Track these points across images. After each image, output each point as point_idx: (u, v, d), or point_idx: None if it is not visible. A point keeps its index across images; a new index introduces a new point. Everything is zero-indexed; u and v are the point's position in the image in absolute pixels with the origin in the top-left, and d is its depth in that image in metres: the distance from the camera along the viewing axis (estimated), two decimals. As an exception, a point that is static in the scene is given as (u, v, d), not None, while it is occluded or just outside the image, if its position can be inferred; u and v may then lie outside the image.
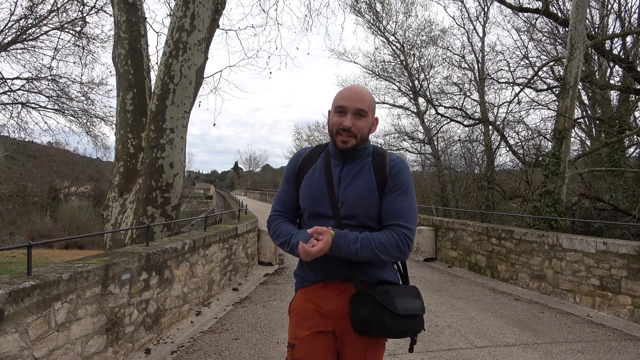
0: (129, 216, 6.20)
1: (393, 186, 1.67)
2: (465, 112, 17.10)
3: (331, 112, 1.72)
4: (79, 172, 42.00)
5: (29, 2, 15.79)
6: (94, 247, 23.55)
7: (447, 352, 3.94)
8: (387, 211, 1.65)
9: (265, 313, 5.28)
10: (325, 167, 1.73)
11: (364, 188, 1.66)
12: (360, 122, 1.66)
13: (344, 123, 1.64)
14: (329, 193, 1.67)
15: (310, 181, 1.73)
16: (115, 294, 3.50)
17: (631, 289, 5.04)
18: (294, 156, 1.86)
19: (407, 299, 1.62)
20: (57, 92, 18.70)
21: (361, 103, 1.65)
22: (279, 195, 1.84)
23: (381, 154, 1.74)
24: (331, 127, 1.70)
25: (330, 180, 1.69)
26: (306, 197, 1.73)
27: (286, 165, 1.88)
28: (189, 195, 63.11)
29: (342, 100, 1.66)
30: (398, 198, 1.66)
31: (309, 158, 1.80)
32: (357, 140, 1.67)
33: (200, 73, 6.51)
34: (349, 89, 1.70)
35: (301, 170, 1.78)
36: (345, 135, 1.65)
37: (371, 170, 1.69)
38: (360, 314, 1.59)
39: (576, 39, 8.82)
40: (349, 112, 1.65)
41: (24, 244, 2.94)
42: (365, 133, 1.68)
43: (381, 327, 1.56)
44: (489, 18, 21.27)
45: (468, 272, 8.27)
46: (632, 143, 12.43)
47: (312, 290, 1.71)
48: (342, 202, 1.66)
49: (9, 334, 2.40)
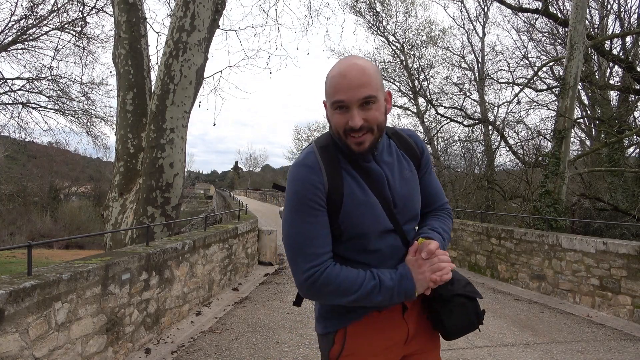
0: (129, 216, 6.20)
1: (429, 166, 1.44)
2: (465, 112, 17.10)
3: (328, 108, 1.27)
4: (79, 172, 42.01)
5: (30, 3, 15.80)
6: (94, 247, 23.56)
7: (447, 352, 3.94)
8: (433, 193, 1.45)
9: (265, 313, 5.28)
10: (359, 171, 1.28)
11: (412, 180, 1.35)
12: (372, 111, 1.21)
13: (352, 123, 1.19)
14: (382, 202, 1.27)
15: (357, 196, 1.25)
16: (115, 294, 3.50)
17: (631, 289, 5.04)
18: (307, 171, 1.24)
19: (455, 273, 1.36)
20: (58, 92, 18.72)
21: (365, 88, 1.19)
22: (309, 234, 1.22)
23: (396, 133, 1.42)
24: (335, 127, 1.25)
25: (374, 185, 1.27)
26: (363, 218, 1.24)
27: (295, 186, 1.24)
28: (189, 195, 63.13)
29: (338, 93, 1.20)
30: (432, 177, 1.46)
31: (331, 166, 1.26)
32: (375, 134, 1.23)
33: (200, 73, 6.52)
34: (343, 75, 1.20)
35: (333, 187, 1.24)
36: (358, 135, 1.21)
37: (404, 156, 1.38)
38: (460, 318, 1.30)
39: (576, 39, 8.82)
40: (352, 107, 1.20)
41: (24, 244, 2.94)
42: (382, 120, 1.24)
43: (479, 320, 1.34)
44: (488, 18, 21.30)
45: (468, 272, 8.27)
46: (631, 143, 12.43)
47: (370, 322, 1.29)
48: (399, 206, 1.30)
49: (10, 333, 2.40)
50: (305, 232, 1.22)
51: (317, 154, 1.28)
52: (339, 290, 1.19)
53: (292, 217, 1.25)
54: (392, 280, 1.20)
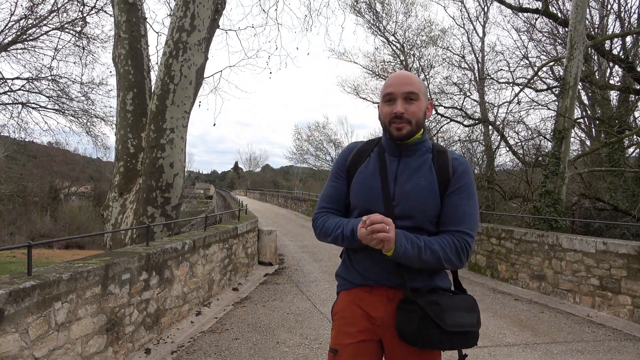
0: (129, 216, 6.20)
1: (457, 187, 1.51)
2: (465, 112, 17.10)
3: (380, 103, 1.60)
4: (79, 172, 42.00)
5: (29, 3, 15.80)
6: (94, 247, 23.55)
7: (447, 352, 3.94)
8: (450, 215, 1.50)
9: (265, 313, 5.28)
10: (379, 161, 1.59)
11: (424, 186, 1.51)
12: (413, 106, 1.52)
13: (395, 109, 1.51)
14: (383, 189, 1.53)
15: (363, 176, 1.59)
16: (115, 294, 3.50)
17: (631, 289, 5.04)
18: (345, 149, 1.72)
19: (460, 312, 1.44)
20: (57, 92, 18.72)
21: (410, 86, 1.52)
22: (326, 191, 1.68)
23: (442, 151, 1.59)
24: (383, 118, 1.57)
25: (384, 175, 1.54)
26: (358, 193, 1.59)
27: (336, 159, 1.72)
28: (189, 195, 63.12)
29: (389, 87, 1.54)
30: (462, 201, 1.50)
31: (362, 151, 1.66)
32: (412, 127, 1.52)
33: (200, 73, 6.52)
34: (395, 76, 1.57)
35: (354, 163, 1.64)
36: (398, 122, 1.51)
37: (432, 168, 1.54)
38: (406, 326, 1.44)
39: (576, 39, 8.82)
40: (398, 98, 1.52)
41: (24, 244, 2.94)
42: (420, 117, 1.53)
43: (427, 341, 1.42)
44: (488, 18, 21.31)
45: (468, 272, 8.27)
46: (631, 143, 12.42)
47: (357, 294, 1.58)
48: (398, 200, 1.51)
49: (9, 333, 2.40)
50: (325, 190, 1.70)
51: (360, 144, 1.71)
52: (322, 233, 1.61)
53: (328, 179, 1.72)
54: (348, 231, 1.50)
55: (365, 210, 1.52)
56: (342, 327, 1.58)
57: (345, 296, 1.62)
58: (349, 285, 1.62)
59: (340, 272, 1.68)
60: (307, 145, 44.22)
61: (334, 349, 1.57)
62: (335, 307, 1.66)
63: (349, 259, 1.64)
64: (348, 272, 1.63)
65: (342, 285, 1.66)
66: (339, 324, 1.60)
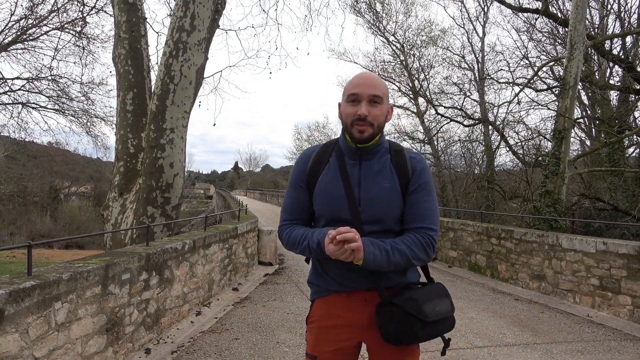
0: (129, 216, 6.20)
1: (417, 186, 1.55)
2: (465, 112, 17.09)
3: (343, 103, 1.58)
4: (79, 172, 41.99)
5: (29, 3, 15.81)
6: (94, 247, 23.55)
7: (447, 352, 3.94)
8: (412, 213, 1.53)
9: (265, 313, 5.28)
10: (340, 167, 1.57)
11: (388, 189, 1.53)
12: (376, 109, 1.52)
13: (359, 111, 1.49)
14: (347, 195, 1.52)
15: (325, 183, 1.57)
16: (115, 294, 3.50)
17: (631, 289, 5.04)
18: (302, 157, 1.67)
19: (435, 301, 1.51)
20: (57, 92, 18.73)
21: (375, 89, 1.52)
22: (287, 202, 1.67)
23: (399, 151, 1.62)
24: (345, 118, 1.55)
25: (347, 181, 1.54)
26: (322, 202, 1.57)
27: (293, 168, 1.70)
28: (189, 195, 63.10)
29: (355, 87, 1.52)
30: (423, 199, 1.54)
31: (320, 158, 1.63)
32: (374, 130, 1.52)
33: (200, 73, 6.52)
34: (361, 76, 1.56)
35: (313, 172, 1.61)
36: (361, 124, 1.50)
37: (392, 169, 1.57)
38: (389, 326, 1.47)
39: (576, 39, 8.82)
40: (363, 100, 1.51)
41: (24, 244, 2.94)
42: (381, 121, 1.54)
43: (412, 337, 1.46)
44: (488, 18, 21.31)
45: (468, 272, 8.27)
46: (631, 143, 12.42)
47: (334, 300, 1.58)
48: (364, 206, 1.52)
49: (9, 333, 2.40)
50: (286, 201, 1.67)
51: (317, 148, 1.67)
52: (289, 244, 1.60)
53: (287, 190, 1.69)
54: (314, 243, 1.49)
55: (331, 218, 1.53)
56: (321, 335, 1.57)
57: (322, 304, 1.61)
58: (324, 293, 1.60)
59: (313, 280, 1.66)
60: (307, 145, 44.23)
61: (312, 355, 1.58)
62: (312, 316, 1.64)
63: (320, 267, 1.62)
64: (322, 280, 1.61)
65: (317, 292, 1.64)
66: (317, 332, 1.59)
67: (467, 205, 15.70)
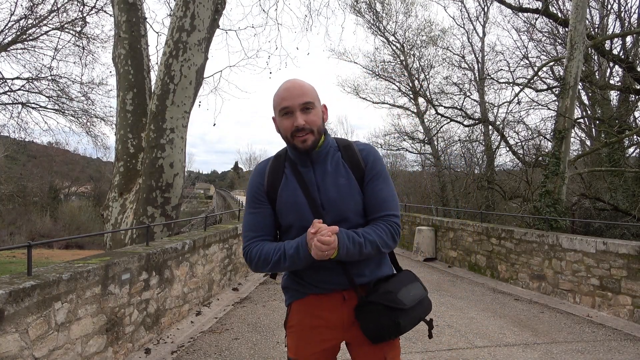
0: (129, 216, 6.20)
1: (372, 176, 1.58)
2: (465, 112, 17.09)
3: (277, 117, 1.58)
4: (79, 172, 42.00)
5: (29, 2, 15.79)
6: (94, 247, 23.55)
7: (447, 352, 3.94)
8: (373, 203, 1.56)
9: (265, 313, 5.28)
10: (296, 176, 1.58)
11: (346, 186, 1.55)
12: (311, 115, 1.53)
13: (296, 123, 1.51)
14: (309, 202, 1.53)
15: (286, 195, 1.57)
16: (115, 294, 3.50)
17: (631, 289, 5.04)
18: (256, 174, 1.66)
19: (408, 287, 1.55)
20: (57, 92, 18.71)
21: (304, 96, 1.52)
22: (248, 221, 1.62)
23: (347, 146, 1.63)
24: (284, 132, 1.56)
25: (306, 188, 1.55)
26: (288, 213, 1.57)
27: (248, 185, 1.67)
28: (189, 195, 63.08)
29: (284, 101, 1.53)
30: (379, 187, 1.57)
31: (274, 170, 1.63)
32: (315, 135, 1.54)
33: (200, 73, 6.52)
34: (285, 88, 1.55)
35: (272, 186, 1.60)
36: (302, 134, 1.51)
37: (345, 166, 1.58)
38: (371, 324, 1.49)
39: (576, 39, 8.82)
40: (296, 110, 1.51)
41: (24, 244, 2.94)
42: (320, 125, 1.56)
43: (396, 329, 1.48)
44: (488, 18, 21.30)
45: (468, 272, 8.27)
46: (632, 143, 12.42)
47: (311, 301, 1.58)
48: (327, 208, 1.54)
49: (9, 333, 2.40)
50: (247, 219, 1.63)
51: (270, 162, 1.66)
52: (260, 262, 1.53)
53: (245, 208, 1.66)
54: (292, 249, 1.47)
55: (300, 227, 1.52)
56: (301, 339, 1.58)
57: (299, 306, 1.60)
58: (300, 295, 1.60)
59: (289, 284, 1.65)
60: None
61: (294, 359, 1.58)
62: (290, 320, 1.62)
63: (295, 275, 1.62)
64: (298, 284, 1.61)
65: (294, 295, 1.63)
66: (297, 336, 1.59)
67: (467, 205, 15.70)
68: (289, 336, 1.62)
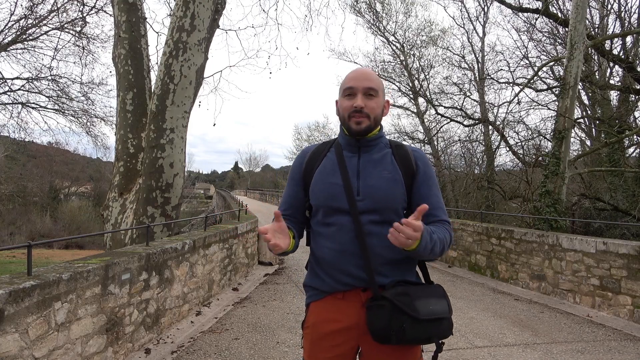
0: (129, 216, 6.20)
1: (427, 179, 1.56)
2: (465, 112, 17.08)
3: (340, 98, 1.60)
4: (79, 172, 41.96)
5: (29, 2, 15.80)
6: (94, 247, 23.54)
7: (447, 352, 3.94)
8: (431, 204, 1.50)
9: (265, 313, 5.28)
10: (338, 159, 1.58)
11: (388, 179, 1.52)
12: (372, 102, 1.53)
13: (356, 103, 1.52)
14: (345, 185, 1.51)
15: (321, 175, 1.58)
16: (115, 294, 3.50)
17: (631, 289, 5.04)
18: (300, 154, 1.72)
19: (431, 300, 1.43)
20: (57, 92, 18.73)
21: (370, 82, 1.53)
22: (284, 197, 1.71)
23: (400, 146, 1.63)
24: (342, 112, 1.56)
25: (345, 172, 1.54)
26: (319, 193, 1.56)
27: (291, 165, 1.73)
28: (189, 195, 63.06)
29: (350, 81, 1.55)
30: (434, 192, 1.55)
31: (316, 154, 1.66)
32: (371, 122, 1.53)
33: (200, 73, 6.52)
34: (356, 71, 1.59)
35: (309, 167, 1.63)
36: (358, 116, 1.52)
37: (394, 161, 1.56)
38: (377, 321, 1.41)
39: (576, 39, 8.82)
40: (359, 93, 1.53)
41: (24, 244, 2.94)
42: (378, 114, 1.55)
43: (400, 334, 1.37)
44: (489, 18, 21.31)
45: (468, 272, 8.27)
46: (632, 143, 12.41)
47: (329, 303, 1.55)
48: (363, 195, 1.50)
49: (9, 333, 2.40)
50: (284, 196, 1.71)
51: (314, 146, 1.71)
52: None
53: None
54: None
55: (328, 208, 1.53)
56: (317, 341, 1.55)
57: (317, 308, 1.59)
58: (319, 295, 1.58)
59: (309, 282, 1.64)
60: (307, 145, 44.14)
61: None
62: (307, 321, 1.61)
63: (317, 265, 1.60)
64: (317, 280, 1.59)
65: (312, 296, 1.61)
66: (313, 338, 1.57)
67: (467, 206, 15.70)
68: (305, 337, 1.61)
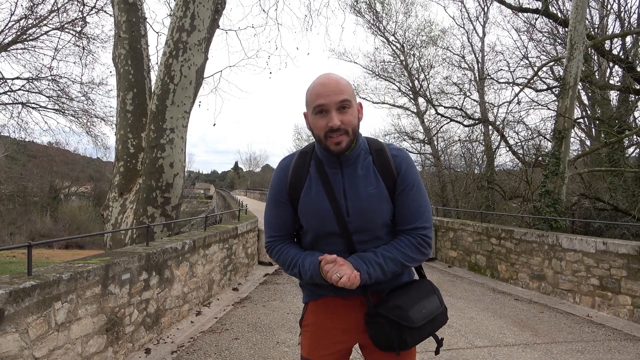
0: (129, 216, 6.20)
1: (404, 187, 1.49)
2: (465, 112, 17.09)
3: (309, 114, 1.47)
4: (79, 172, 41.98)
5: (29, 2, 15.80)
6: (94, 247, 23.55)
7: (447, 352, 3.94)
8: (403, 214, 1.49)
9: (265, 313, 5.28)
10: (322, 179, 1.49)
11: (375, 197, 1.47)
12: (347, 115, 1.42)
13: (331, 123, 1.40)
14: (334, 209, 1.46)
15: (309, 199, 1.50)
16: (115, 294, 3.50)
17: (631, 289, 5.04)
18: (279, 171, 1.58)
19: (422, 303, 1.47)
20: (57, 92, 18.73)
21: (341, 94, 1.41)
22: (270, 219, 1.60)
23: (380, 150, 1.53)
24: (317, 132, 1.45)
25: (332, 194, 1.47)
26: (309, 218, 1.51)
27: (272, 182, 1.59)
28: (189, 195, 63.07)
29: (320, 98, 1.41)
30: (412, 198, 1.49)
31: (298, 169, 1.54)
32: (350, 136, 1.44)
33: (200, 73, 6.52)
34: (321, 83, 1.44)
35: (294, 186, 1.53)
36: (336, 135, 1.41)
37: (376, 173, 1.49)
38: (378, 337, 1.45)
39: (576, 39, 8.82)
40: (332, 110, 1.40)
41: (24, 244, 2.94)
42: (355, 125, 1.45)
43: (403, 344, 1.43)
44: (488, 18, 21.31)
45: (468, 272, 8.27)
46: (631, 143, 12.41)
47: (328, 303, 1.55)
48: (353, 217, 1.46)
49: (9, 333, 2.40)
50: (268, 216, 1.61)
51: (294, 158, 1.57)
52: (280, 263, 1.58)
53: (267, 203, 1.64)
54: (307, 272, 1.47)
55: (319, 232, 1.50)
56: (316, 339, 1.56)
57: (316, 307, 1.58)
58: (318, 296, 1.57)
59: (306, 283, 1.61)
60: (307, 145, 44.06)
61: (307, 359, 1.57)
62: (306, 319, 1.61)
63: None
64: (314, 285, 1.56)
65: (311, 295, 1.60)
66: (312, 335, 1.57)
67: (467, 206, 15.69)
68: (304, 335, 1.61)
